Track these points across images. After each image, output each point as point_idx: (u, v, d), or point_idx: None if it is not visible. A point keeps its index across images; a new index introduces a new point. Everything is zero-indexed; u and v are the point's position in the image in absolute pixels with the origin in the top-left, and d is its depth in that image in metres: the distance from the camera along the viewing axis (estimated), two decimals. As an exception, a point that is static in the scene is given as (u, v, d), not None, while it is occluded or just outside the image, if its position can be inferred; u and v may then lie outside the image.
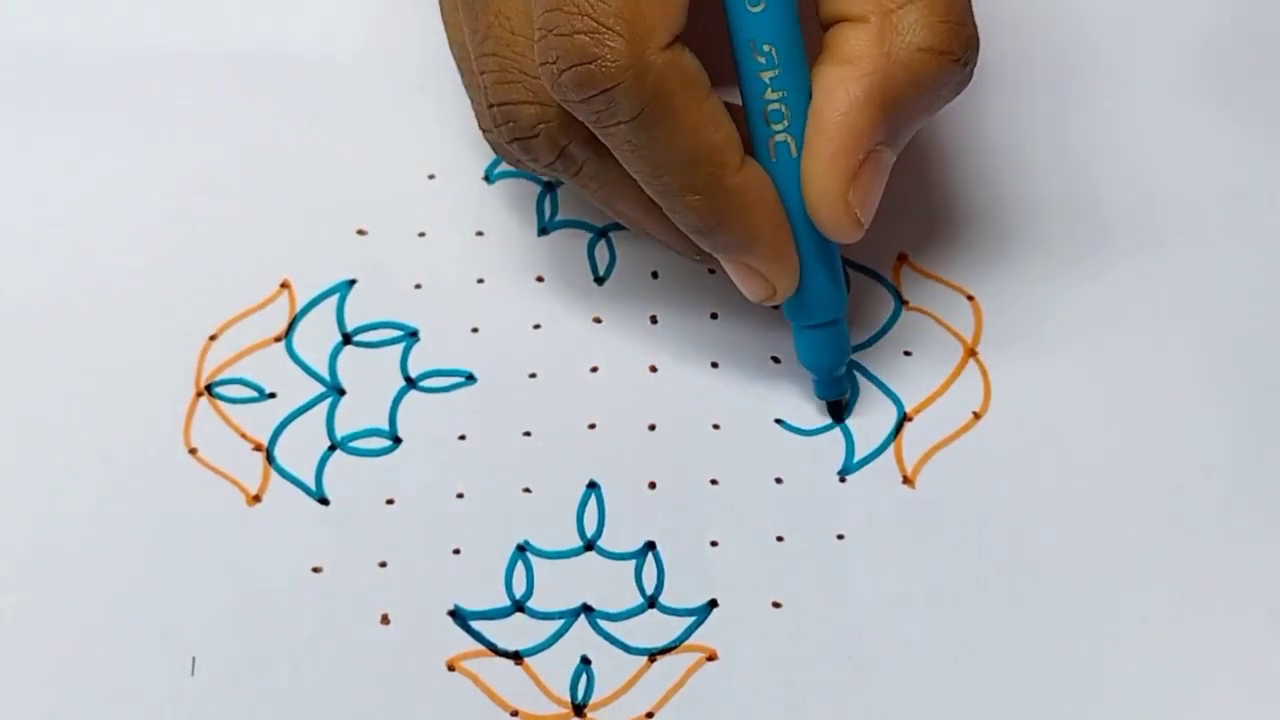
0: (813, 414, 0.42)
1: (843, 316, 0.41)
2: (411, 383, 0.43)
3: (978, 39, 0.38)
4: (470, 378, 0.43)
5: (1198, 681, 0.39)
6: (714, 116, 0.36)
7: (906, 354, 0.43)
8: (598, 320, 0.44)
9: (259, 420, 0.43)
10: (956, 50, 0.37)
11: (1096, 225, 0.45)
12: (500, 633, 0.40)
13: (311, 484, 0.42)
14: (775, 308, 0.41)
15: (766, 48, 0.37)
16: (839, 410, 0.42)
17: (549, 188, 0.46)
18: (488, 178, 0.46)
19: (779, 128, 0.38)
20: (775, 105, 0.37)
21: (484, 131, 0.41)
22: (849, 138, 0.37)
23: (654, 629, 0.40)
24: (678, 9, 0.36)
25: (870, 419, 0.42)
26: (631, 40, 0.35)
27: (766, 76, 0.37)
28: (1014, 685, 0.39)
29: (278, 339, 0.44)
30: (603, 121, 0.36)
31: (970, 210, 0.45)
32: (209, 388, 0.43)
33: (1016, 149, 0.46)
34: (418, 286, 0.44)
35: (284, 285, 0.44)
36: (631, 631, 0.40)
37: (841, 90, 0.37)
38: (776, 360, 0.43)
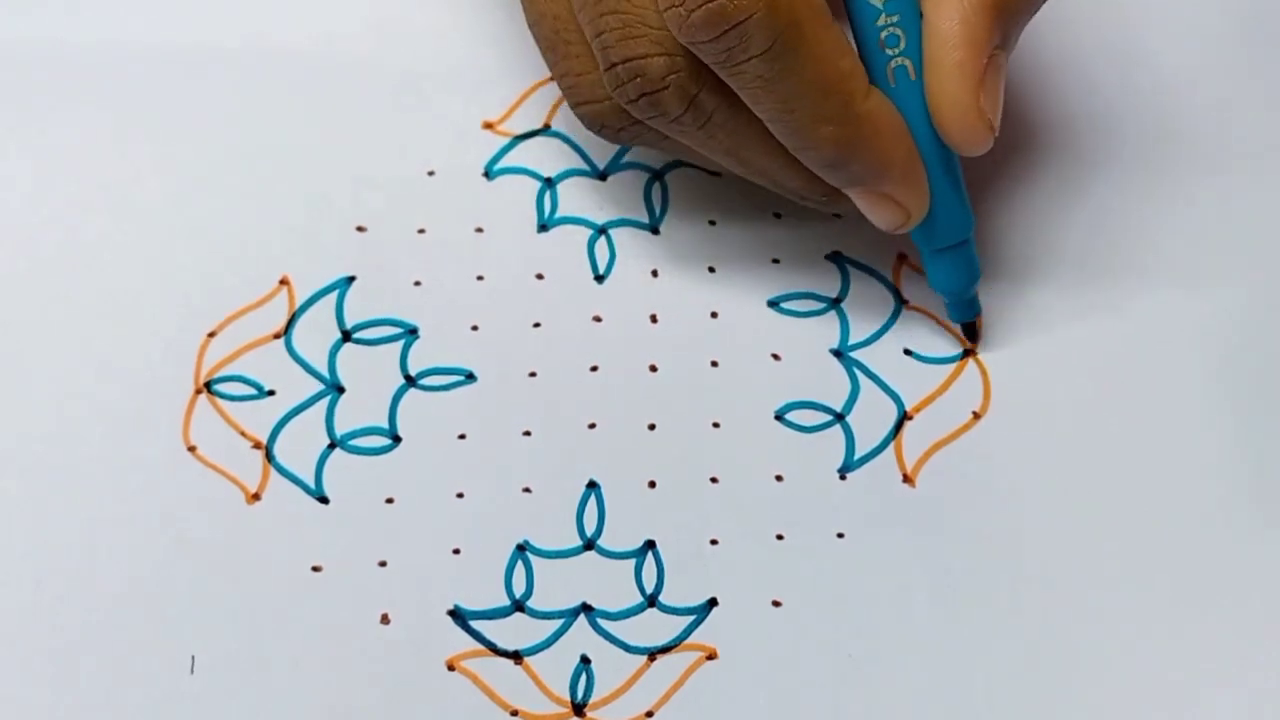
0: (812, 413, 0.42)
1: (971, 237, 0.41)
2: (411, 381, 0.43)
3: None
4: (470, 376, 0.43)
5: (1198, 681, 0.39)
6: (839, 44, 0.37)
7: (906, 353, 0.43)
8: (597, 318, 0.44)
9: (258, 418, 0.42)
10: None
11: (1098, 225, 0.45)
12: (500, 632, 0.40)
13: (311, 482, 0.41)
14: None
15: None
16: (974, 331, 0.43)
17: (549, 184, 0.46)
18: (487, 174, 0.46)
19: (894, 52, 0.38)
20: (890, 30, 0.38)
21: (586, 105, 0.41)
22: (970, 45, 0.37)
23: (654, 628, 0.40)
24: None
25: (870, 417, 0.42)
26: None
27: (879, 2, 0.38)
28: (1014, 685, 0.39)
29: (277, 336, 0.44)
30: (734, 59, 0.36)
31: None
32: (208, 385, 0.43)
33: (1016, 147, 0.46)
34: (417, 283, 0.44)
35: (283, 282, 0.44)
36: (631, 631, 0.40)
37: (954, 0, 0.37)
38: (777, 358, 0.43)
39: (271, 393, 0.43)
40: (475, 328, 0.44)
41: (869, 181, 0.39)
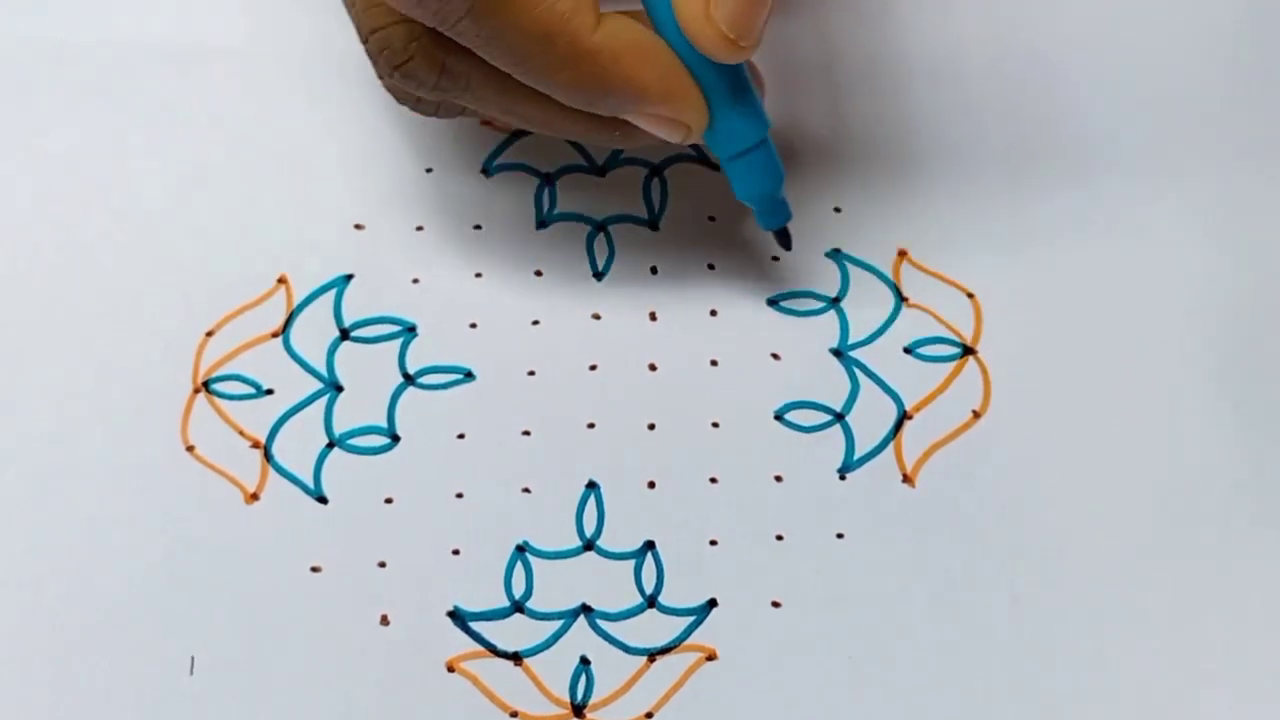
0: (812, 413, 0.42)
1: (767, 138, 0.40)
2: (410, 379, 0.43)
3: None
4: (469, 375, 0.43)
5: (1198, 680, 0.39)
6: None
7: (906, 351, 0.43)
8: (596, 316, 0.44)
9: (256, 417, 0.42)
10: None
11: (1098, 225, 0.45)
12: (499, 633, 0.40)
13: (310, 482, 0.41)
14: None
15: None
16: (786, 238, 0.42)
17: (547, 180, 0.45)
18: (486, 171, 0.46)
19: None
20: None
21: (381, 80, 0.40)
22: None
23: (653, 629, 0.40)
24: None
25: (870, 417, 0.42)
26: None
27: None
28: (1013, 684, 0.39)
29: (275, 335, 0.43)
30: (446, 21, 0.36)
31: (970, 207, 0.45)
32: (206, 384, 0.43)
33: (1017, 146, 0.46)
34: (415, 281, 0.44)
35: (281, 280, 0.44)
36: (631, 631, 0.40)
37: None
38: (776, 357, 0.43)
39: (270, 392, 0.43)
40: (474, 325, 0.44)
41: (630, 108, 0.38)
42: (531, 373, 0.43)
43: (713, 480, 0.41)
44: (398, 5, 0.36)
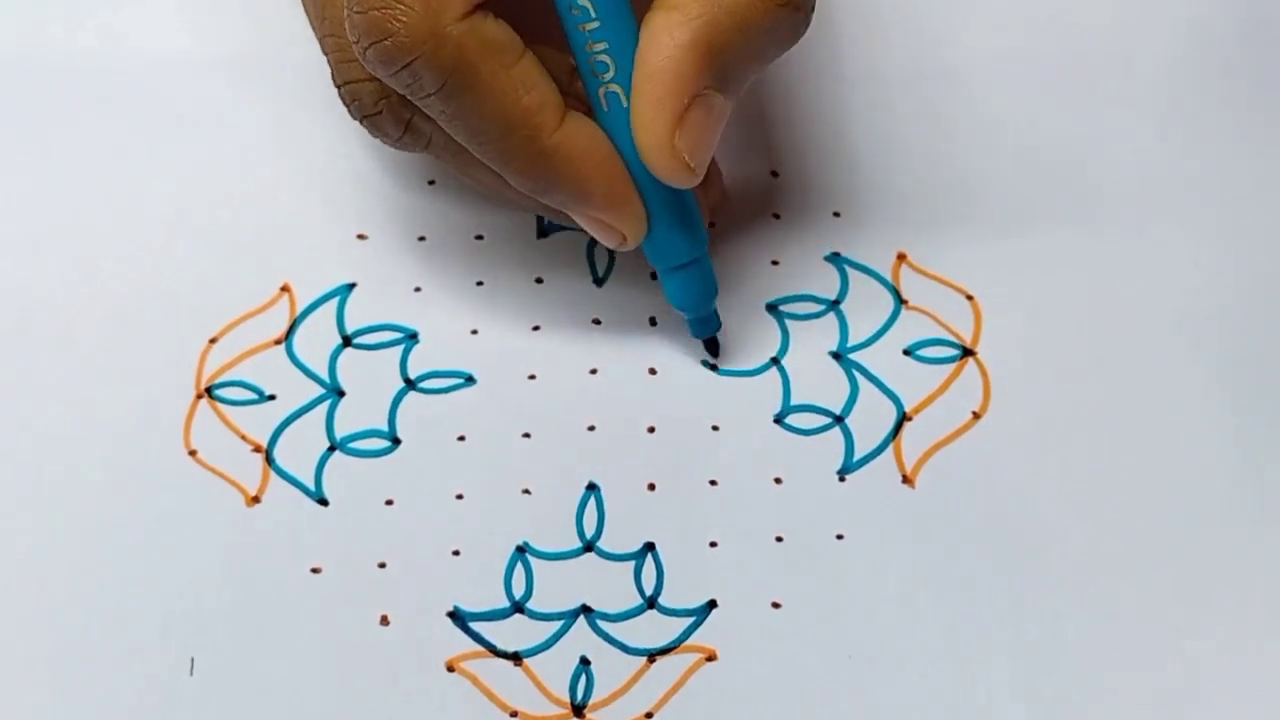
0: (812, 416, 0.42)
1: (703, 255, 0.41)
2: (411, 384, 0.43)
3: None
4: (470, 379, 0.43)
5: (1198, 681, 0.39)
6: (525, 80, 0.37)
7: (906, 354, 0.43)
8: (597, 322, 0.44)
9: (259, 422, 0.43)
10: None
11: (1097, 225, 0.45)
12: (499, 634, 0.40)
13: (311, 485, 0.42)
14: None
15: (582, 1, 0.37)
16: (715, 346, 0.43)
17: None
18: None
19: (606, 78, 0.38)
20: (599, 56, 0.38)
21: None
22: (672, 81, 0.37)
23: (653, 630, 0.40)
24: None
25: (870, 418, 0.42)
26: (425, 13, 0.35)
27: (587, 28, 0.38)
28: (1014, 685, 0.38)
29: (278, 342, 0.44)
30: (414, 94, 0.37)
31: (970, 209, 0.45)
32: (209, 390, 0.43)
33: (1017, 148, 0.46)
34: (417, 290, 0.44)
35: (284, 289, 0.44)
36: (631, 632, 0.40)
37: (666, 35, 0.37)
38: (775, 361, 0.43)
39: (272, 397, 0.43)
40: (475, 332, 0.44)
41: (573, 207, 0.39)
42: (532, 376, 0.43)
43: (712, 482, 0.41)
44: (373, 71, 0.37)
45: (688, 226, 0.40)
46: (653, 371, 0.43)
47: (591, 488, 0.41)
